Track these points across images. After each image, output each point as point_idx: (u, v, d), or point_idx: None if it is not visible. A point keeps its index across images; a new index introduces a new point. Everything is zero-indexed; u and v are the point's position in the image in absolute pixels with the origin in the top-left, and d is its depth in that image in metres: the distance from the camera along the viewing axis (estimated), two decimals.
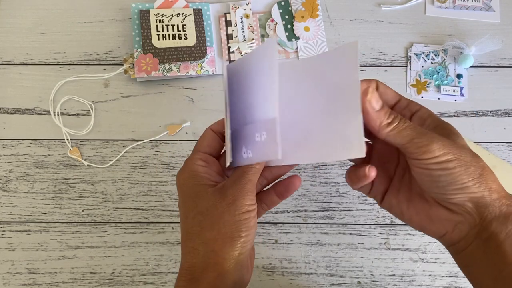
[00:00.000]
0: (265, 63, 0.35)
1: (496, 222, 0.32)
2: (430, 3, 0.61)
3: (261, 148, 0.34)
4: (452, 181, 0.32)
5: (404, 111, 0.35)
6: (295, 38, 0.59)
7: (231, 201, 0.33)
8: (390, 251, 0.53)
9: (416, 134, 0.32)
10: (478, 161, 0.32)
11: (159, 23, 0.57)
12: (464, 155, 0.32)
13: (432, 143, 0.31)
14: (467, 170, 0.32)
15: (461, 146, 0.32)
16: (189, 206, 0.35)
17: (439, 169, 0.32)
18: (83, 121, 0.56)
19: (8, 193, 0.54)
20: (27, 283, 0.52)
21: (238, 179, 0.34)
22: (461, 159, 0.32)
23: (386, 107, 0.33)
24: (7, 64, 0.58)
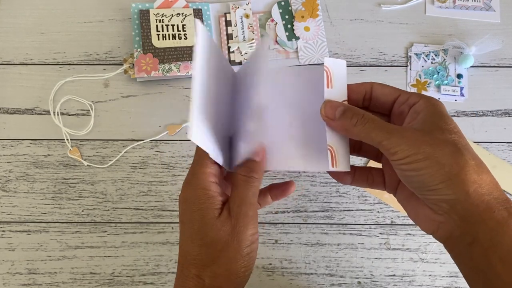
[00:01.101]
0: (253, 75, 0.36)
1: (480, 229, 0.30)
2: (430, 3, 0.61)
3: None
4: (423, 182, 0.30)
5: (403, 106, 0.34)
6: (295, 38, 0.59)
7: (236, 233, 0.32)
8: (390, 251, 0.53)
9: (384, 135, 0.31)
10: (458, 160, 0.30)
11: (159, 23, 0.57)
12: (440, 153, 0.30)
13: (400, 143, 0.30)
14: (439, 171, 0.29)
15: (442, 142, 0.30)
16: (195, 230, 0.33)
17: (409, 169, 0.30)
18: (83, 121, 0.56)
19: (8, 193, 0.54)
20: (27, 283, 0.52)
21: (241, 203, 0.33)
22: (433, 159, 0.29)
23: (350, 111, 0.33)
24: (7, 64, 0.58)
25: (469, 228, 0.30)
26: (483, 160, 0.56)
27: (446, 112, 0.32)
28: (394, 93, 0.34)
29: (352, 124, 0.32)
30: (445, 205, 0.30)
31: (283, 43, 0.59)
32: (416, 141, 0.30)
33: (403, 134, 0.30)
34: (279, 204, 0.54)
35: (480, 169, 0.30)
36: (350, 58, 0.59)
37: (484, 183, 0.30)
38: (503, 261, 0.29)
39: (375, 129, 0.31)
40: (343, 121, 0.33)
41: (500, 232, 0.29)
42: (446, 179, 0.29)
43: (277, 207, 0.54)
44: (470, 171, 0.30)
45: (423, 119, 0.32)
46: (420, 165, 0.30)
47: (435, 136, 0.30)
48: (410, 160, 0.30)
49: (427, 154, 0.29)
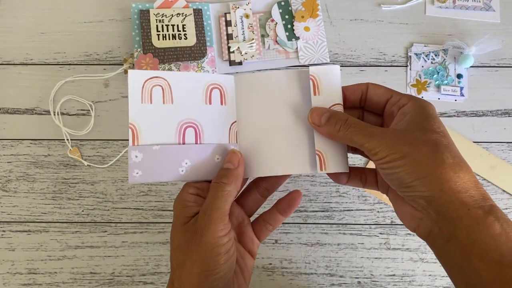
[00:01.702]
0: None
1: (456, 225, 0.31)
2: (430, 3, 0.61)
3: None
4: (399, 179, 0.32)
5: (394, 107, 0.35)
6: (295, 38, 0.59)
7: (200, 236, 0.33)
8: (390, 251, 0.53)
9: (365, 138, 0.33)
10: (435, 158, 0.31)
11: (159, 23, 0.57)
12: (417, 152, 0.31)
13: (379, 145, 0.32)
14: (415, 169, 0.31)
15: (421, 142, 0.32)
16: (171, 239, 0.35)
17: (387, 168, 0.32)
18: (83, 121, 0.56)
19: (8, 193, 0.54)
20: (27, 283, 0.52)
21: (207, 209, 0.34)
22: (410, 157, 0.31)
23: (334, 117, 0.35)
24: (7, 64, 0.58)
25: (446, 224, 0.31)
26: (483, 160, 0.56)
27: (433, 113, 0.34)
28: (386, 94, 0.36)
29: (336, 130, 0.34)
30: (422, 202, 0.31)
31: (283, 43, 0.59)
32: (395, 141, 0.32)
33: (383, 136, 0.32)
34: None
35: (457, 167, 0.31)
36: (350, 58, 0.59)
37: (461, 181, 0.31)
38: (481, 258, 0.29)
39: (357, 133, 0.33)
40: (328, 127, 0.35)
41: (476, 229, 0.30)
42: (421, 177, 0.31)
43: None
44: (446, 169, 0.31)
45: (409, 120, 0.33)
46: (397, 164, 0.31)
47: (415, 136, 0.32)
48: (388, 159, 0.32)
49: (404, 153, 0.31)
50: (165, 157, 0.37)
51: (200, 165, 0.37)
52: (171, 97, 0.38)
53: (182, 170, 0.37)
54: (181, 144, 0.38)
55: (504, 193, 0.55)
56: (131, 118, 0.36)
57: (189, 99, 0.39)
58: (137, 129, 0.37)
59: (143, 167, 0.36)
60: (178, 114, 0.38)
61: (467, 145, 0.55)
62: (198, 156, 0.38)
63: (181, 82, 0.38)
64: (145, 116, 0.37)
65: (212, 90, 0.39)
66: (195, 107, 0.39)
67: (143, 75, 0.37)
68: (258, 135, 0.39)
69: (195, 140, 0.38)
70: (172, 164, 0.37)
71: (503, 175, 0.55)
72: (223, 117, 0.39)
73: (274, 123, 0.39)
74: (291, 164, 0.38)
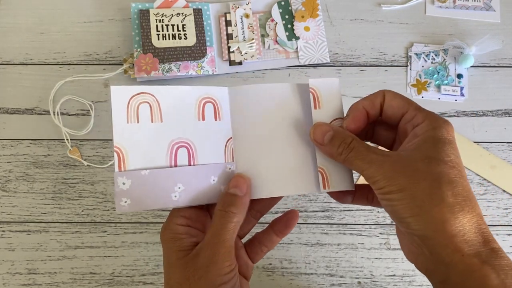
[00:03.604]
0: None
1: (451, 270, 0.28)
2: (430, 3, 0.61)
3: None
4: (395, 213, 0.30)
5: (407, 125, 0.33)
6: (295, 38, 0.59)
7: (204, 273, 0.30)
8: (390, 251, 0.53)
9: (365, 165, 0.31)
10: (433, 196, 0.28)
11: (159, 23, 0.57)
12: (415, 186, 0.29)
13: (377, 173, 0.30)
14: (410, 204, 0.29)
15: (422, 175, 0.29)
16: (166, 273, 0.32)
17: (384, 199, 0.30)
18: (83, 121, 0.56)
19: (7, 193, 0.54)
20: (27, 283, 0.52)
21: (212, 242, 0.31)
22: (407, 191, 0.29)
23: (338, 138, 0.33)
24: (7, 64, 0.58)
25: (441, 266, 0.29)
26: (483, 160, 0.56)
27: (447, 137, 0.31)
28: (402, 107, 0.33)
29: (338, 152, 0.32)
30: (417, 239, 0.29)
31: (283, 43, 0.59)
32: (394, 172, 0.30)
33: (382, 165, 0.30)
34: (279, 204, 0.53)
35: (458, 207, 0.29)
36: (350, 58, 0.59)
37: (458, 223, 0.28)
38: None
39: (357, 159, 0.31)
40: (331, 148, 0.33)
41: (470, 278, 0.28)
42: (415, 214, 0.29)
43: (277, 207, 0.54)
44: (443, 209, 0.28)
45: (417, 145, 0.31)
46: (393, 197, 0.29)
47: (417, 167, 0.30)
48: (385, 191, 0.30)
49: (402, 187, 0.29)
50: (155, 183, 0.33)
51: (195, 188, 0.34)
52: (160, 114, 0.34)
53: (175, 195, 0.33)
54: (173, 167, 0.34)
55: (504, 193, 0.55)
56: (116, 141, 0.32)
57: (180, 115, 0.35)
58: (123, 152, 0.33)
59: (132, 195, 0.33)
60: (169, 133, 0.34)
61: (467, 145, 0.55)
62: (192, 179, 0.34)
63: (171, 98, 0.35)
64: (132, 138, 0.33)
65: (205, 105, 0.36)
66: (187, 124, 0.35)
67: (127, 91, 0.33)
68: (256, 152, 0.36)
69: (188, 161, 0.34)
70: (164, 190, 0.33)
71: (503, 175, 0.55)
72: (217, 134, 0.36)
73: (273, 139, 0.36)
74: (292, 184, 0.35)
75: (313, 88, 0.36)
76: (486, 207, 0.54)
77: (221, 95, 0.37)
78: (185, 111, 0.35)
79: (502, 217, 0.54)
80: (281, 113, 0.36)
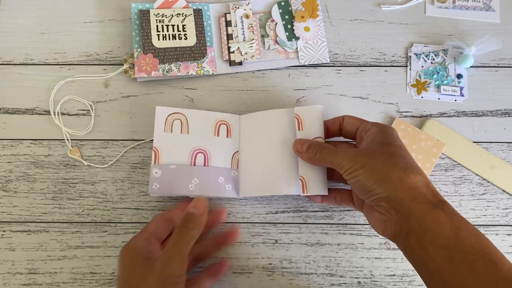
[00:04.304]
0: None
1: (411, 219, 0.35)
2: (430, 3, 0.61)
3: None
4: (361, 186, 0.38)
5: (362, 132, 0.43)
6: (295, 38, 0.59)
7: (159, 273, 0.36)
8: (390, 251, 0.53)
9: (333, 156, 0.40)
10: (388, 164, 0.37)
11: (159, 23, 0.57)
12: (373, 161, 0.37)
13: (343, 159, 0.39)
14: (372, 174, 0.37)
15: (378, 153, 0.38)
16: (124, 279, 0.38)
17: (351, 178, 0.38)
18: (83, 121, 0.56)
19: (8, 193, 0.54)
20: (27, 283, 0.52)
21: (169, 249, 0.37)
22: (368, 165, 0.37)
23: (313, 145, 0.43)
24: (7, 64, 0.58)
25: (404, 220, 0.36)
26: (483, 160, 0.57)
27: (392, 132, 0.41)
28: (357, 123, 0.44)
29: (314, 154, 0.42)
30: (384, 204, 0.37)
31: (283, 43, 0.59)
32: (356, 155, 0.39)
33: (347, 153, 0.39)
34: (279, 204, 0.54)
35: (408, 170, 0.37)
36: (350, 58, 0.59)
37: (411, 180, 0.36)
38: (432, 244, 0.34)
39: (328, 154, 0.41)
40: (308, 153, 0.43)
41: (425, 219, 0.34)
42: (378, 180, 0.37)
43: (277, 207, 0.54)
44: (397, 171, 0.37)
45: (371, 139, 0.41)
46: (358, 172, 0.38)
47: (374, 149, 0.39)
48: (351, 169, 0.38)
49: (363, 163, 0.38)
50: (179, 175, 0.45)
51: (207, 183, 0.46)
52: (187, 128, 0.48)
53: (191, 186, 0.45)
54: (192, 166, 0.46)
55: (504, 193, 0.55)
56: (155, 143, 0.47)
57: (201, 131, 0.48)
58: (159, 151, 0.46)
59: (161, 181, 0.45)
60: (192, 142, 0.47)
61: (467, 145, 0.56)
62: (205, 176, 0.46)
63: (196, 118, 0.49)
64: (165, 142, 0.46)
65: (220, 126, 0.49)
66: (205, 137, 0.48)
67: (167, 111, 0.48)
68: (256, 162, 0.47)
69: (204, 163, 0.47)
70: (184, 181, 0.45)
71: (503, 175, 0.55)
72: (227, 147, 0.48)
73: (268, 153, 0.47)
74: (280, 186, 0.46)
75: (298, 114, 0.46)
76: (486, 207, 0.54)
77: (234, 120, 0.50)
78: (205, 128, 0.48)
79: (502, 217, 0.54)
80: (276, 133, 0.47)
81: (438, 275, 0.33)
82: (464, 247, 0.33)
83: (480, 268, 0.32)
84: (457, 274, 0.32)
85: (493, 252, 0.33)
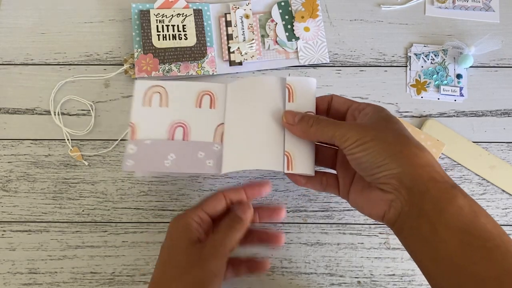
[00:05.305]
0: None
1: (425, 198, 0.32)
2: (430, 3, 0.62)
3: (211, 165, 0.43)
4: (372, 160, 0.34)
5: (355, 112, 0.39)
6: (295, 38, 0.59)
7: (204, 262, 0.36)
8: (390, 250, 0.53)
9: (335, 128, 0.36)
10: (401, 139, 0.34)
11: (159, 23, 0.57)
12: (385, 135, 0.34)
13: (349, 131, 0.35)
14: (385, 148, 0.33)
15: (387, 129, 0.35)
16: (168, 255, 0.39)
17: (359, 151, 0.34)
18: (84, 121, 0.56)
19: (8, 193, 0.54)
20: (28, 282, 0.52)
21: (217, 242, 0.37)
22: (379, 139, 0.34)
23: (307, 116, 0.39)
24: (8, 64, 0.58)
25: (416, 199, 0.32)
26: (482, 160, 0.57)
27: (390, 113, 0.38)
28: (347, 102, 0.40)
29: (309, 125, 0.38)
30: (394, 181, 0.33)
31: (283, 43, 0.59)
32: (364, 128, 0.35)
33: (351, 125, 0.36)
34: (279, 204, 0.54)
35: (421, 147, 0.34)
36: (350, 58, 0.59)
37: (426, 157, 0.33)
38: (447, 227, 0.31)
39: (327, 126, 0.36)
40: (301, 125, 0.38)
41: (442, 199, 0.32)
42: (392, 154, 0.33)
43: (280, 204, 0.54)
44: (412, 148, 0.34)
45: (371, 117, 0.37)
46: (368, 145, 0.34)
47: (380, 124, 0.36)
48: (359, 142, 0.34)
49: (374, 136, 0.34)
50: (154, 150, 0.41)
51: (183, 159, 0.42)
52: (166, 101, 0.43)
53: (167, 162, 0.41)
54: (169, 140, 0.42)
55: (504, 193, 0.55)
56: (132, 118, 0.42)
57: (182, 103, 0.44)
58: (135, 127, 0.42)
59: (136, 158, 0.41)
60: (171, 116, 0.43)
61: (466, 145, 0.56)
62: (183, 151, 0.42)
63: (177, 89, 0.44)
64: (143, 117, 0.42)
65: (203, 96, 0.44)
66: (186, 109, 0.44)
67: (147, 84, 0.44)
68: (241, 135, 0.42)
69: (182, 137, 0.43)
70: (160, 156, 0.41)
71: (503, 175, 0.55)
72: (210, 119, 0.44)
73: (255, 125, 0.42)
74: (264, 161, 0.41)
75: (289, 84, 0.42)
76: (485, 207, 0.54)
77: (219, 89, 0.45)
78: (186, 100, 0.44)
79: (502, 217, 0.54)
80: (264, 103, 0.42)
81: (449, 261, 0.31)
82: (482, 233, 0.30)
83: (498, 256, 0.29)
84: (472, 261, 0.30)
85: (510, 241, 0.30)
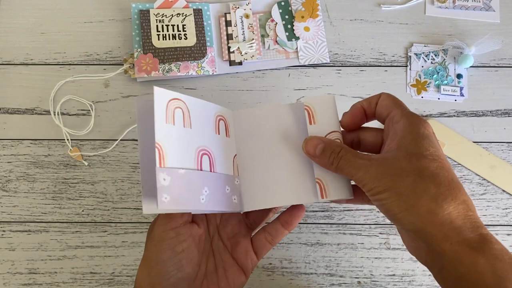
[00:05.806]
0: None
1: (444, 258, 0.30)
2: (430, 3, 0.61)
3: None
4: (388, 211, 0.32)
5: (389, 123, 0.35)
6: (295, 38, 0.59)
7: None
8: (390, 251, 0.53)
9: (353, 171, 0.33)
10: (416, 190, 0.30)
11: (159, 23, 0.57)
12: (399, 184, 0.31)
13: (365, 175, 0.32)
14: (397, 201, 0.30)
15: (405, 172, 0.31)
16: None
17: (375, 200, 0.32)
18: (83, 121, 0.56)
19: (8, 193, 0.54)
20: (27, 283, 0.52)
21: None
22: (393, 189, 0.31)
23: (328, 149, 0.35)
24: (7, 64, 0.58)
25: (435, 256, 0.30)
26: (483, 160, 0.56)
27: (424, 132, 0.32)
28: (389, 107, 0.35)
29: (329, 162, 0.35)
30: (412, 234, 0.31)
31: (283, 43, 0.59)
32: (379, 174, 0.31)
33: (368, 169, 0.32)
34: None
35: (441, 197, 0.30)
36: (350, 58, 0.59)
37: (443, 212, 0.29)
38: None
39: (347, 166, 0.34)
40: (322, 160, 0.35)
41: (461, 264, 0.29)
42: (404, 210, 0.30)
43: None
44: (428, 201, 0.30)
45: (397, 143, 0.33)
46: (381, 196, 0.31)
47: (400, 165, 0.31)
48: (373, 192, 0.32)
49: (387, 186, 0.31)
50: (190, 183, 0.34)
51: (216, 194, 0.36)
52: (189, 121, 0.35)
53: (202, 198, 0.34)
54: (200, 170, 0.35)
55: (504, 193, 0.55)
56: (158, 138, 0.32)
57: (203, 126, 0.37)
58: (163, 150, 0.33)
59: (170, 192, 0.32)
60: (196, 140, 0.36)
61: (467, 145, 0.56)
62: (214, 184, 0.36)
63: (197, 108, 0.37)
64: (169, 137, 0.34)
65: (219, 121, 0.39)
66: (208, 134, 0.37)
67: (167, 94, 0.34)
68: (258, 168, 0.39)
69: (210, 168, 0.36)
70: (195, 191, 0.34)
71: (503, 175, 0.55)
72: (228, 149, 0.39)
73: (273, 155, 0.39)
74: (292, 195, 0.38)
75: (308, 105, 0.38)
76: (486, 207, 0.54)
77: (229, 116, 0.40)
78: (206, 123, 0.37)
79: (502, 217, 0.54)
80: (278, 131, 0.39)
81: None
82: None
83: None
84: None
85: None
